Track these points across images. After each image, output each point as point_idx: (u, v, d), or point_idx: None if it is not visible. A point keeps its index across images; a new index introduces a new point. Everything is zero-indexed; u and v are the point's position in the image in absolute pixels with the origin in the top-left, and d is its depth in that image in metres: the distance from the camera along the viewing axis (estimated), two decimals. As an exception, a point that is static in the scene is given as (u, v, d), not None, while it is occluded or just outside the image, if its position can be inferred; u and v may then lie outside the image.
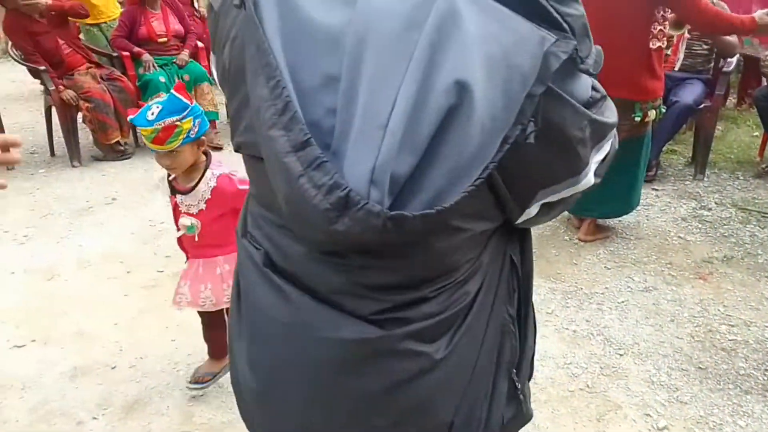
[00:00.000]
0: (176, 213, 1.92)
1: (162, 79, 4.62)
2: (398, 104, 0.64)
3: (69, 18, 4.61)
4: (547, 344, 2.39)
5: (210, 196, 1.84)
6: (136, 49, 4.69)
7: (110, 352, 2.37)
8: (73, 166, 4.43)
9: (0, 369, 2.28)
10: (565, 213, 3.48)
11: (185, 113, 1.69)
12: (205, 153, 1.87)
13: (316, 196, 0.64)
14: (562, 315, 2.59)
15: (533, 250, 0.95)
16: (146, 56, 4.67)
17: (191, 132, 1.73)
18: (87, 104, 4.29)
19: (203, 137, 1.80)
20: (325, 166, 0.64)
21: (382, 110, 0.64)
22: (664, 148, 4.11)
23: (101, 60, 4.81)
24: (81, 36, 5.24)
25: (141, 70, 4.69)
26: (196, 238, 1.89)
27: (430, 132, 0.64)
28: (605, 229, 3.30)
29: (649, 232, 3.33)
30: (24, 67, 4.63)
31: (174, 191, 1.88)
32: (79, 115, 4.44)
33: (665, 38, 2.85)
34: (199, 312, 2.05)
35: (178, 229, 1.90)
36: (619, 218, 3.35)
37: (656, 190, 3.83)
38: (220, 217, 1.87)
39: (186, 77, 4.77)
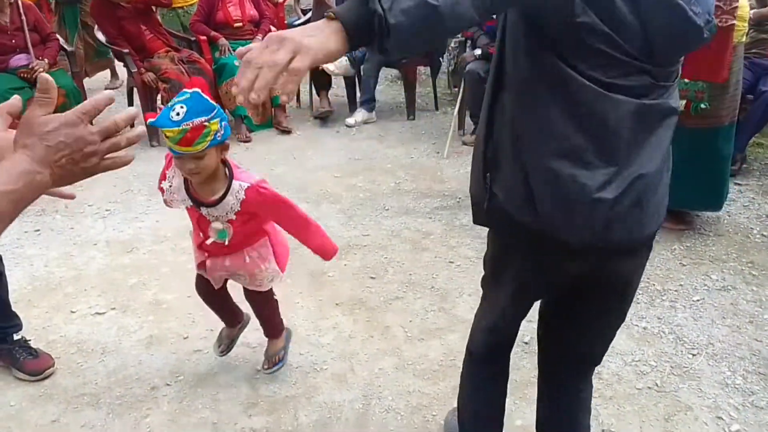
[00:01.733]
0: (201, 222, 1.84)
1: (237, 63, 4.74)
2: None
3: (152, 6, 4.79)
4: (615, 340, 2.30)
5: (240, 209, 1.76)
6: (213, 33, 4.85)
7: (183, 323, 2.48)
8: (152, 146, 4.63)
9: (83, 334, 2.43)
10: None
11: (213, 113, 1.60)
12: (224, 161, 1.76)
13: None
14: (632, 311, 2.49)
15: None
16: (222, 40, 4.82)
17: (218, 134, 1.62)
18: (164, 85, 4.47)
19: (227, 141, 1.71)
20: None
21: None
22: (750, 141, 3.89)
23: (179, 44, 4.99)
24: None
25: (217, 54, 4.84)
26: (227, 243, 1.83)
27: None
28: (683, 222, 3.14)
29: (730, 228, 3.16)
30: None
31: (198, 203, 1.78)
32: (159, 97, 4.63)
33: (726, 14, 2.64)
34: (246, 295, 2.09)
35: (206, 237, 1.83)
36: (698, 213, 3.19)
37: (739, 185, 3.63)
38: (250, 222, 1.84)
39: (259, 61, 4.88)
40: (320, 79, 5.23)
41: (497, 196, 1.25)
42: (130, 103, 4.87)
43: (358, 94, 5.31)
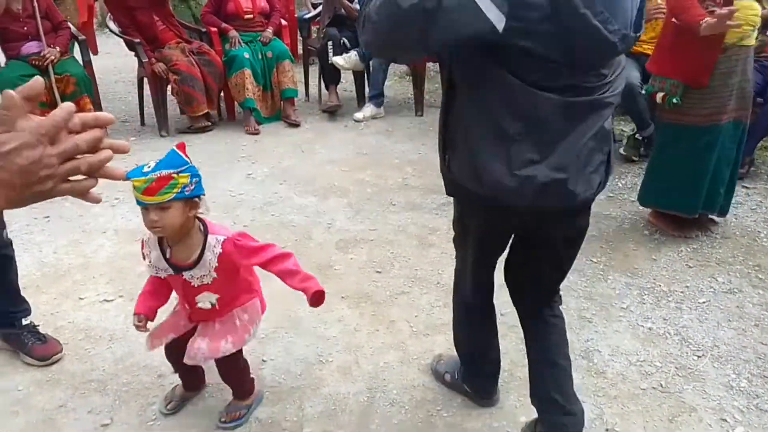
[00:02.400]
0: (187, 292, 1.78)
1: (246, 55, 4.76)
2: None
3: None
4: (620, 340, 2.33)
5: (217, 264, 1.71)
6: (224, 25, 4.85)
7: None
8: (161, 136, 4.65)
9: (91, 320, 2.45)
10: (642, 209, 3.34)
11: (183, 168, 1.59)
12: (200, 219, 1.73)
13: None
14: (638, 311, 2.51)
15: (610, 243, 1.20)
16: (233, 32, 4.83)
17: (186, 188, 1.60)
18: (175, 77, 4.48)
19: (197, 200, 1.67)
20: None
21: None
22: (759, 144, 3.87)
23: (190, 36, 5.00)
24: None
25: (227, 46, 4.84)
26: (217, 307, 1.79)
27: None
28: (682, 229, 3.11)
29: (737, 231, 3.16)
30: (118, 40, 4.89)
31: (177, 270, 1.73)
32: (169, 88, 4.64)
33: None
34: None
35: (194, 306, 1.79)
36: (711, 215, 3.19)
37: (747, 188, 3.62)
38: (234, 277, 1.79)
39: (269, 54, 4.90)
40: (329, 74, 5.23)
41: (454, 171, 1.53)
42: (140, 94, 4.89)
43: (367, 89, 5.32)
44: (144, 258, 1.78)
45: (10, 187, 0.71)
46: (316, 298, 1.70)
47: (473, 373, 2.01)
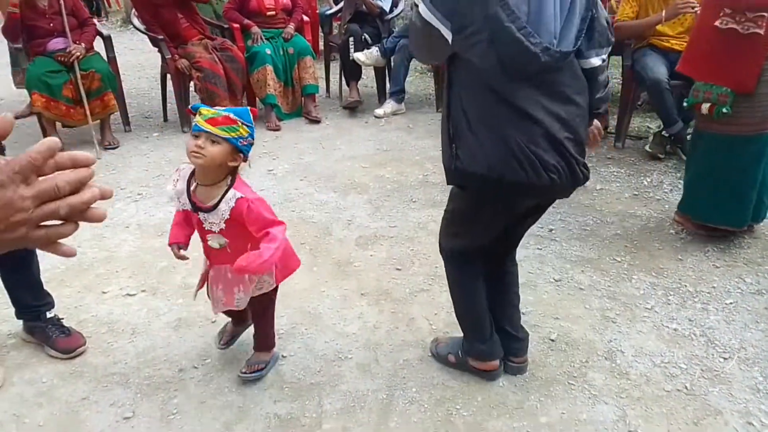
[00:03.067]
0: (200, 230, 1.89)
1: (268, 51, 4.77)
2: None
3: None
4: (643, 340, 2.29)
5: (228, 217, 1.79)
6: (246, 21, 4.87)
7: (211, 307, 2.50)
8: (184, 132, 4.69)
9: (114, 314, 2.48)
10: (674, 205, 3.28)
11: (249, 124, 1.75)
12: (233, 175, 1.81)
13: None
14: (663, 312, 2.46)
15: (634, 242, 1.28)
16: (255, 29, 4.84)
17: (241, 140, 1.73)
18: (197, 73, 4.51)
19: (241, 156, 1.77)
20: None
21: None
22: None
23: (213, 32, 5.03)
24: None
25: (249, 42, 4.86)
26: (229, 250, 1.87)
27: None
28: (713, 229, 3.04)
29: (766, 231, 3.08)
30: (141, 37, 4.93)
31: (196, 208, 1.82)
32: (192, 84, 4.67)
33: (749, 22, 2.54)
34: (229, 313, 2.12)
35: (205, 242, 1.90)
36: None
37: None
38: (242, 233, 1.83)
39: (290, 50, 4.91)
40: (350, 70, 5.23)
41: (461, 159, 1.73)
42: (164, 90, 4.93)
43: (388, 85, 5.30)
44: (172, 184, 1.85)
45: None
46: (239, 269, 1.77)
47: (478, 338, 2.07)
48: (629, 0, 3.86)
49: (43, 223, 0.66)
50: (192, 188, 1.82)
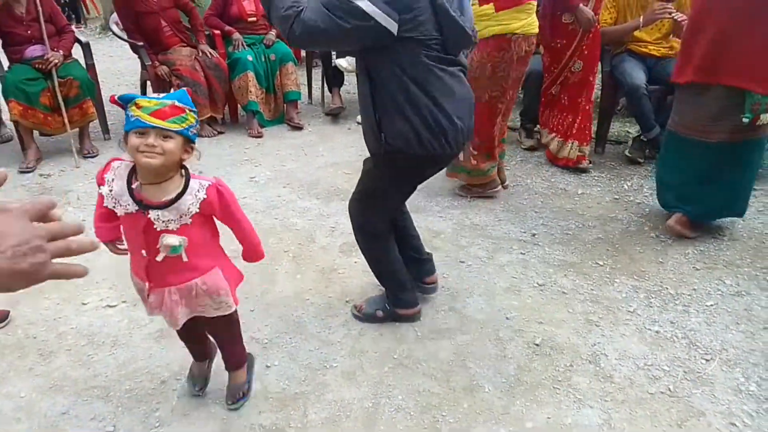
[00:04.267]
0: (149, 234, 1.60)
1: (250, 58, 4.75)
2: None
3: (180, 9, 4.76)
4: (627, 343, 2.31)
5: (198, 210, 1.60)
6: (227, 27, 4.85)
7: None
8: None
9: (94, 326, 2.44)
10: (654, 208, 3.32)
11: (192, 107, 1.58)
12: (184, 167, 1.63)
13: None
14: (645, 315, 2.48)
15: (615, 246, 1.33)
16: (236, 35, 4.82)
17: (191, 129, 1.56)
18: (177, 81, 4.47)
19: (193, 146, 1.60)
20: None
21: None
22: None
23: (192, 39, 4.99)
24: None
25: (231, 49, 4.84)
26: (184, 258, 1.64)
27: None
28: (697, 228, 3.10)
29: (745, 233, 3.13)
30: (120, 44, 4.88)
31: (145, 206, 1.57)
32: (172, 91, 4.63)
33: None
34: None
35: (154, 254, 1.61)
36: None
37: (755, 189, 3.58)
38: (204, 230, 1.68)
39: (272, 56, 4.89)
40: (332, 76, 5.22)
41: (390, 143, 2.00)
42: (143, 95, 4.87)
43: (370, 91, 5.29)
44: (102, 183, 1.60)
45: None
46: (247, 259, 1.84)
47: (401, 289, 2.39)
48: (607, 6, 3.91)
49: (58, 260, 0.73)
50: (134, 186, 1.58)
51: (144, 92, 4.86)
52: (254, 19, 4.90)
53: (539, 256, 2.94)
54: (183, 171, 1.62)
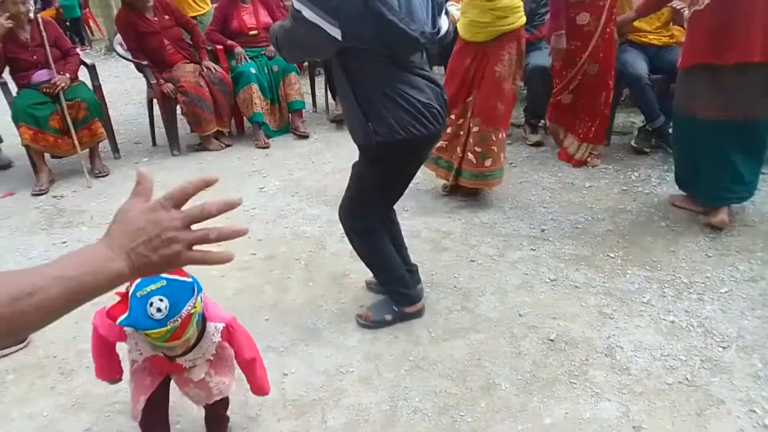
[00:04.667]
0: (175, 368, 1.61)
1: (253, 70, 4.79)
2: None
3: (182, 28, 4.82)
4: (642, 335, 2.30)
5: (215, 352, 1.61)
6: (229, 42, 4.89)
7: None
8: (173, 155, 4.70)
9: (112, 342, 2.47)
10: (663, 198, 3.31)
11: (195, 293, 1.43)
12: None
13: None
14: (659, 305, 2.48)
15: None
16: (238, 49, 4.86)
17: (194, 309, 1.43)
18: (183, 98, 4.53)
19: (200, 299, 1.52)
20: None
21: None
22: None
23: (195, 55, 5.05)
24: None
25: (234, 63, 4.88)
26: (207, 379, 1.68)
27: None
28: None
29: (756, 218, 3.11)
30: (125, 63, 4.94)
31: (171, 358, 1.56)
32: (179, 107, 4.68)
33: None
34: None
35: (178, 372, 1.63)
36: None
37: (764, 173, 3.56)
38: (223, 355, 1.70)
39: (275, 68, 4.93)
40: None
41: (380, 133, 2.03)
42: (151, 115, 4.94)
43: (374, 97, 5.32)
44: (132, 348, 1.61)
45: (134, 252, 0.71)
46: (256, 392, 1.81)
47: (405, 287, 2.44)
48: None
49: (197, 247, 0.74)
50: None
51: (151, 110, 4.91)
52: (255, 32, 4.95)
53: (550, 252, 2.94)
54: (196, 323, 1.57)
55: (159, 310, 1.33)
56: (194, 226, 0.75)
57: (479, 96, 3.24)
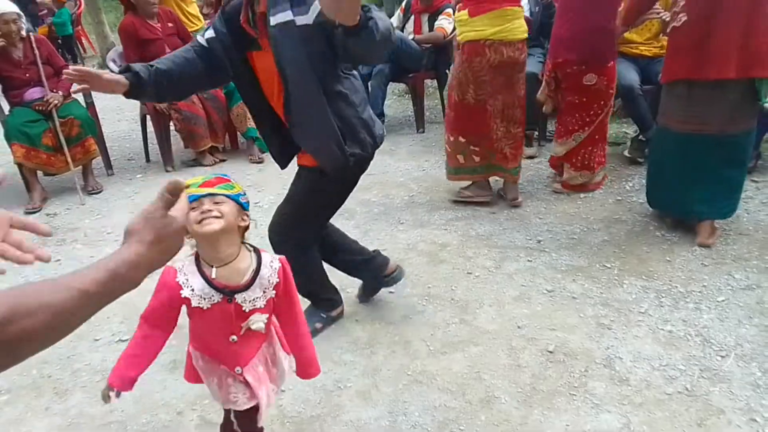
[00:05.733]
0: (234, 318, 1.51)
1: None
2: None
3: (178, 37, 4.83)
4: (641, 345, 2.30)
5: (278, 280, 1.54)
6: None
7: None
8: (167, 171, 4.69)
9: (107, 361, 2.44)
10: (652, 211, 3.32)
11: (243, 198, 1.51)
12: (248, 244, 1.56)
13: None
14: (656, 315, 2.48)
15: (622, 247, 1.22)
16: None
17: (242, 197, 1.49)
18: (176, 115, 4.53)
19: (247, 215, 1.52)
20: None
21: None
22: (765, 137, 3.85)
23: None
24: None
25: (227, 78, 4.89)
26: (263, 331, 1.57)
27: None
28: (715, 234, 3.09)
29: (750, 226, 3.13)
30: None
31: (228, 293, 1.49)
32: (172, 123, 4.68)
33: None
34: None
35: (237, 333, 1.54)
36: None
37: (756, 182, 3.59)
38: (280, 302, 1.60)
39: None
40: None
41: (355, 154, 2.09)
42: (144, 131, 4.94)
43: (368, 110, 5.34)
44: (180, 289, 1.51)
45: (156, 266, 0.87)
46: (303, 375, 1.71)
47: (330, 291, 2.53)
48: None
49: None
50: (210, 277, 1.49)
51: (144, 126, 4.91)
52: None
53: (546, 263, 2.94)
54: (250, 246, 1.56)
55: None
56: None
57: (504, 97, 3.37)
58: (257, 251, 1.55)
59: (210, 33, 2.11)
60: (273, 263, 1.54)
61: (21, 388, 2.32)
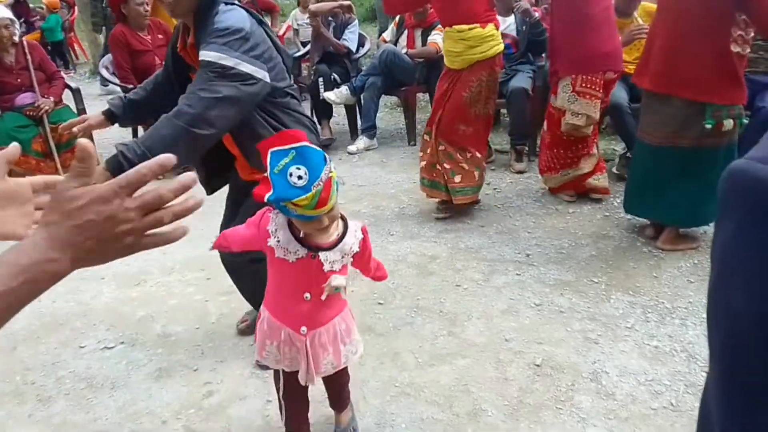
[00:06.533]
0: (317, 274, 1.58)
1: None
2: None
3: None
4: (627, 360, 2.31)
5: (358, 250, 1.63)
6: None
7: (192, 355, 2.47)
8: (158, 178, 4.65)
9: (92, 369, 2.42)
10: (645, 224, 3.35)
11: (327, 160, 1.46)
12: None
13: None
14: (642, 330, 2.49)
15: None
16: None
17: (340, 179, 1.51)
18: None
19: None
20: None
21: None
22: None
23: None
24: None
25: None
26: (343, 296, 1.68)
27: None
28: (689, 240, 3.15)
29: (736, 244, 3.16)
30: (110, 87, 4.92)
31: (313, 249, 1.56)
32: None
33: (746, 44, 2.74)
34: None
35: (318, 293, 1.60)
36: (704, 230, 3.20)
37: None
38: (359, 265, 1.73)
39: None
40: (321, 109, 5.29)
41: None
42: (134, 136, 4.91)
43: (359, 122, 5.37)
44: (268, 237, 1.57)
45: (80, 247, 0.65)
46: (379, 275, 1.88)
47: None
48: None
49: (150, 232, 0.69)
50: (299, 234, 1.57)
51: (135, 134, 4.90)
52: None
53: (535, 276, 2.95)
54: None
55: (300, 177, 1.38)
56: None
57: (443, 117, 3.45)
58: (344, 218, 1.64)
59: (168, 55, 2.26)
60: (357, 233, 1.64)
61: (4, 395, 2.29)
